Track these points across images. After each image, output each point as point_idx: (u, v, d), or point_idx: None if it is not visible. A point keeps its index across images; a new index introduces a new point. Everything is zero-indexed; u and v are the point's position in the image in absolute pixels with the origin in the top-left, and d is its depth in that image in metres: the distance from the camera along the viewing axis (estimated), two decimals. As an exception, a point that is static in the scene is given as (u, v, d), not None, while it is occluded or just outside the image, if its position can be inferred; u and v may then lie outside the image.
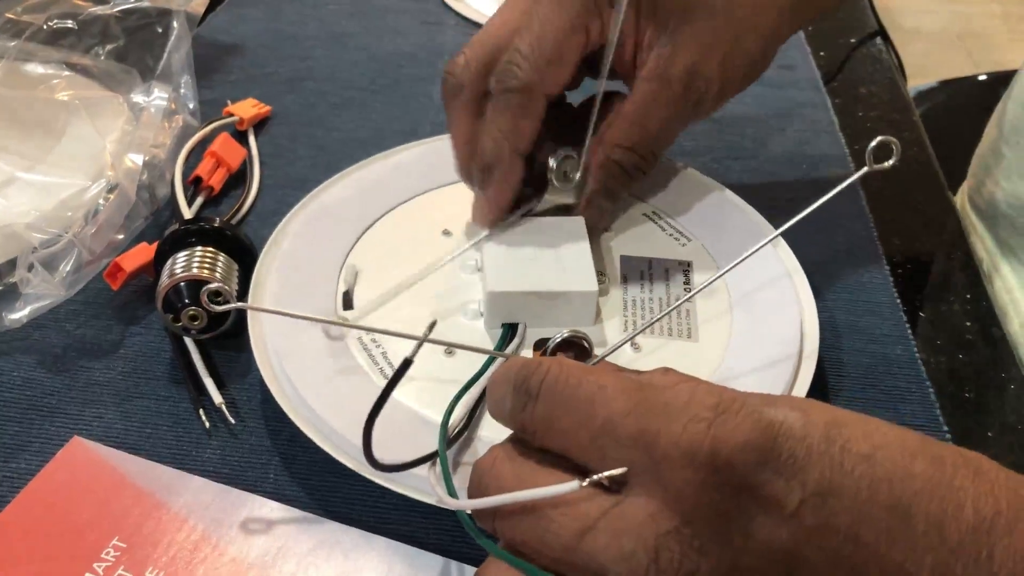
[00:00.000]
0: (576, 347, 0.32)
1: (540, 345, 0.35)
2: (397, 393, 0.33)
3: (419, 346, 0.27)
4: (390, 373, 0.34)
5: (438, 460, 0.30)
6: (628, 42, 0.38)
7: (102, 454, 0.34)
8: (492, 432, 0.33)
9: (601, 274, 0.39)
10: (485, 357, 0.34)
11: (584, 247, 0.38)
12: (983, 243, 0.52)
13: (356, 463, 0.32)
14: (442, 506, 0.30)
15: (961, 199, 0.57)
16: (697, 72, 0.37)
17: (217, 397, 0.36)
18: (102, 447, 0.34)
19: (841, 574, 0.22)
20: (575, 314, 0.36)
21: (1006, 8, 2.78)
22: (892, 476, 0.22)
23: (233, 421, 0.35)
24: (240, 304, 0.32)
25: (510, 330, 0.36)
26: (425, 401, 0.34)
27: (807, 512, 0.22)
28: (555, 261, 0.37)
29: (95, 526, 0.31)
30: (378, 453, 0.29)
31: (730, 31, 0.37)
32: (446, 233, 0.42)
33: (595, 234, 0.40)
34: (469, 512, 0.26)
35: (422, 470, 0.31)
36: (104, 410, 0.36)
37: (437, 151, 0.45)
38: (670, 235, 0.42)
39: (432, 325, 0.28)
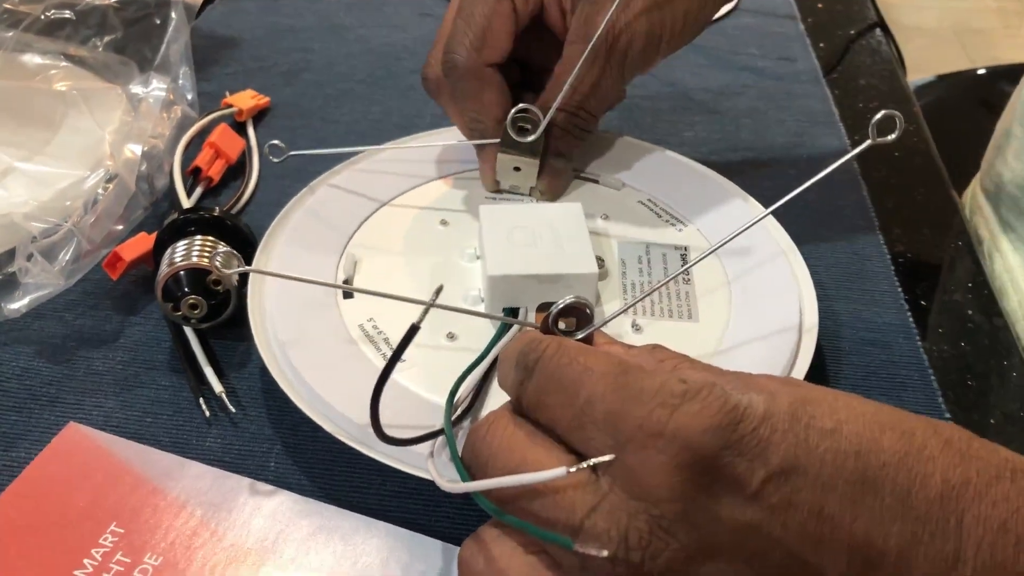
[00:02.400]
0: (579, 312, 0.32)
1: (544, 308, 0.35)
2: (400, 377, 0.33)
3: (426, 311, 0.28)
4: (408, 371, 0.34)
5: (443, 437, 0.30)
6: (554, 8, 0.41)
7: (98, 440, 0.34)
8: None
9: (599, 259, 0.39)
10: (487, 340, 0.34)
11: (583, 230, 0.38)
12: (986, 224, 0.52)
13: (360, 443, 0.32)
14: (441, 486, 0.30)
15: (972, 187, 0.57)
16: (617, 29, 0.38)
17: (217, 386, 0.36)
18: (98, 432, 0.34)
19: (808, 548, 0.23)
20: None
21: (1001, 4, 2.79)
22: (858, 449, 0.23)
23: (233, 409, 0.35)
24: (248, 268, 0.33)
25: (512, 314, 0.36)
26: (427, 384, 0.34)
27: (770, 490, 0.23)
28: (554, 244, 0.37)
29: (92, 512, 0.31)
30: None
31: None
32: (443, 223, 0.42)
33: (556, 197, 0.43)
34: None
35: (424, 450, 0.30)
36: (104, 399, 0.36)
37: (434, 144, 0.46)
38: (666, 221, 0.42)
39: (439, 290, 0.29)
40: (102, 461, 0.33)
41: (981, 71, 1.09)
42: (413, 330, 0.28)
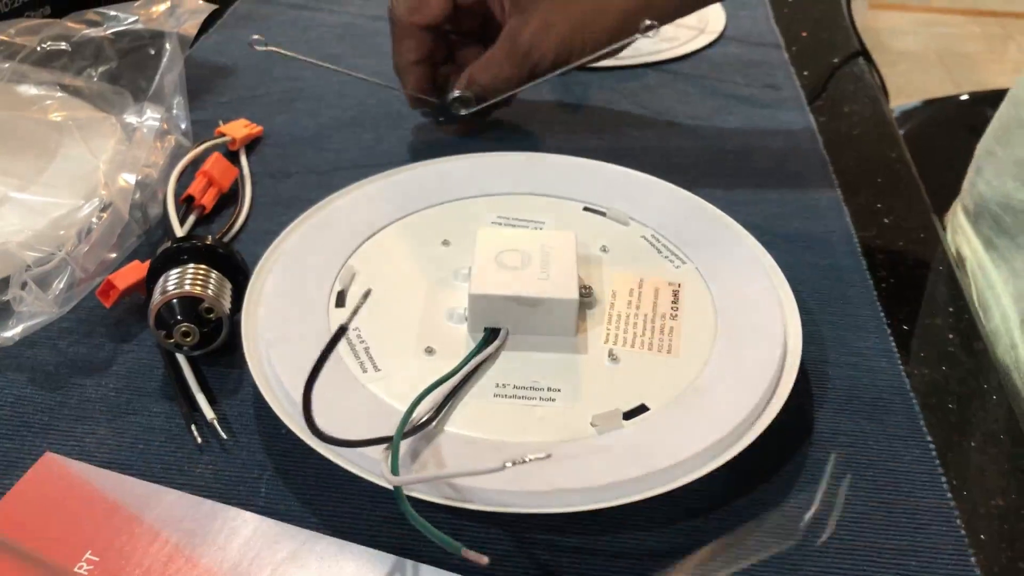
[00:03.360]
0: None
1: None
2: (374, 387, 0.35)
3: (354, 314, 0.34)
4: (381, 381, 0.35)
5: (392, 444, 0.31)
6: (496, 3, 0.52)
7: (74, 469, 0.34)
8: (458, 428, 0.34)
9: (587, 288, 0.40)
10: (463, 355, 0.36)
11: (570, 259, 0.39)
12: (968, 243, 0.53)
13: (353, 465, 0.32)
14: (381, 482, 0.31)
15: (954, 207, 0.58)
16: (535, 45, 0.49)
17: (209, 413, 0.36)
18: (73, 462, 0.34)
19: None
20: (555, 322, 0.37)
21: (986, 29, 2.82)
22: None
23: (225, 436, 0.36)
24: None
25: (493, 335, 0.37)
26: (399, 396, 0.34)
27: None
28: (540, 270, 0.38)
29: (68, 540, 0.31)
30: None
31: (568, 17, 0.49)
32: (445, 243, 0.43)
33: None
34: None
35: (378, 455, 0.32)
36: (96, 426, 0.36)
37: (437, 172, 0.47)
38: (665, 257, 0.43)
39: (367, 294, 0.37)
40: (77, 490, 0.33)
41: (964, 96, 1.11)
42: (341, 330, 0.33)
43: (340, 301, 0.39)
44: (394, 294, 0.40)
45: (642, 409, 0.35)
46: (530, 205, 0.46)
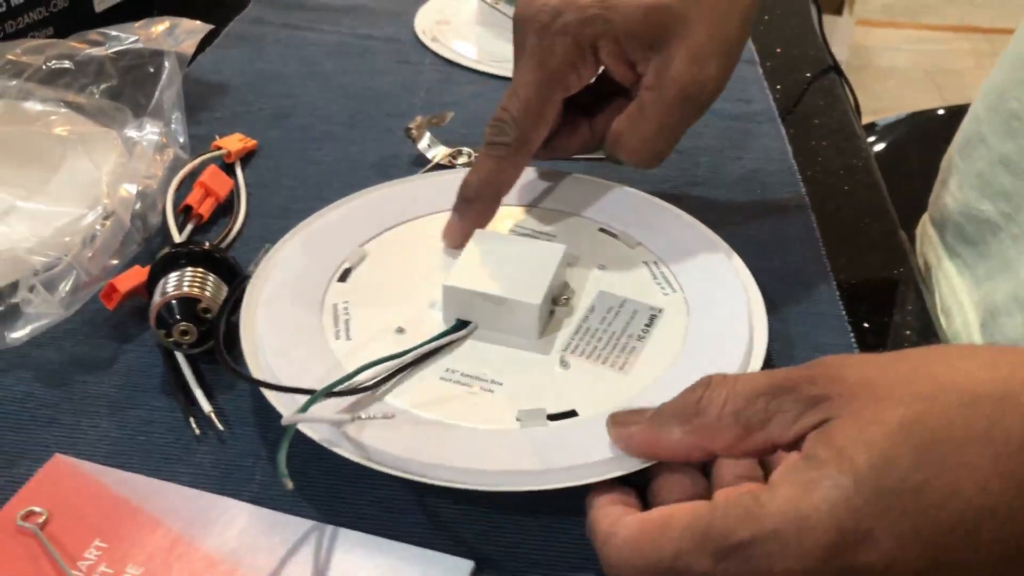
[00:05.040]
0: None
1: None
2: (340, 353, 0.39)
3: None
4: (347, 348, 0.39)
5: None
6: (623, 69, 0.44)
7: (82, 468, 0.36)
8: (401, 401, 0.37)
9: (567, 298, 0.42)
10: (430, 335, 0.39)
11: (549, 268, 0.41)
12: (934, 251, 0.56)
13: (341, 448, 0.35)
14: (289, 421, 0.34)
15: (923, 218, 0.61)
16: (689, 80, 0.42)
17: (206, 406, 0.38)
18: (82, 462, 0.36)
19: None
20: (517, 323, 0.39)
21: (974, 45, 2.87)
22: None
23: (222, 428, 0.38)
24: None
25: (462, 326, 0.40)
26: (359, 363, 0.37)
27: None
28: (515, 272, 0.40)
29: (78, 529, 0.34)
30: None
31: (709, 32, 0.42)
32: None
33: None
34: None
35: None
36: (100, 420, 0.39)
37: (434, 182, 0.50)
38: (658, 283, 0.44)
39: (267, 248, 0.43)
40: (85, 486, 0.35)
41: (940, 111, 1.14)
42: (244, 278, 0.40)
43: (344, 277, 0.43)
44: (392, 277, 0.43)
45: (571, 414, 0.36)
46: (548, 219, 0.48)
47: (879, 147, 1.24)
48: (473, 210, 0.44)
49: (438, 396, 0.37)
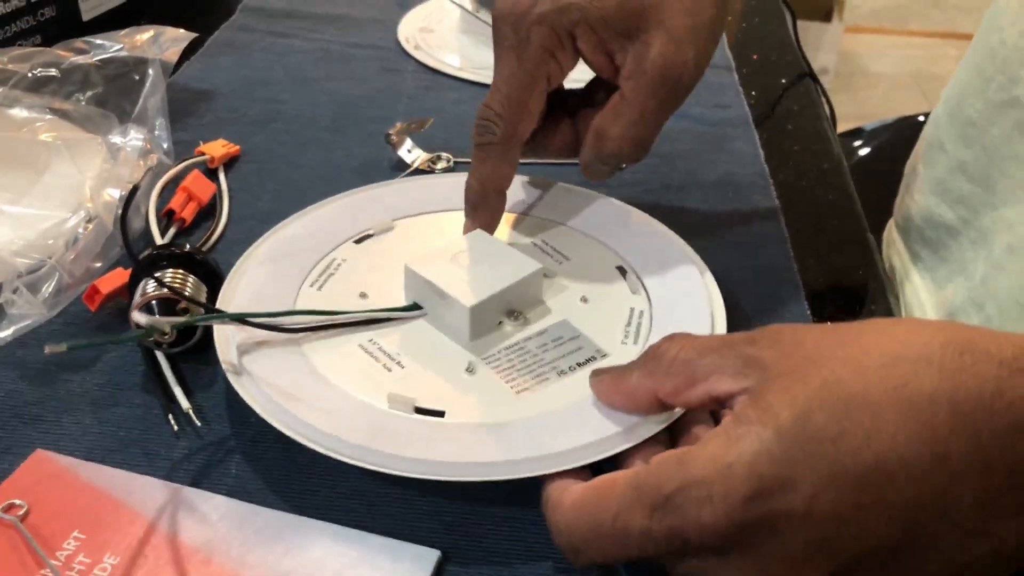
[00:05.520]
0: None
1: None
2: (302, 299, 0.43)
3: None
4: (310, 297, 0.43)
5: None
6: (601, 60, 0.43)
7: (62, 463, 0.37)
8: (308, 350, 0.40)
9: (520, 313, 0.42)
10: (392, 304, 0.43)
11: (506, 279, 0.41)
12: (899, 255, 0.57)
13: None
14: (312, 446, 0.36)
15: (889, 223, 0.62)
16: (671, 64, 0.42)
17: (185, 403, 0.40)
18: (63, 457, 0.38)
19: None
20: (454, 320, 0.41)
21: (961, 52, 2.90)
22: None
23: (200, 424, 0.39)
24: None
25: (412, 308, 0.42)
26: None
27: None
28: (473, 274, 0.42)
29: (57, 521, 0.35)
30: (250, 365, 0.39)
31: (685, 16, 0.41)
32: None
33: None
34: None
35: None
36: (82, 417, 0.40)
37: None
38: (628, 336, 0.42)
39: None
40: (65, 479, 0.36)
41: (920, 117, 1.16)
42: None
43: (360, 240, 0.47)
44: (389, 259, 0.45)
45: (438, 413, 0.37)
46: (574, 241, 0.48)
47: (864, 151, 1.25)
48: (481, 211, 0.45)
49: (342, 358, 0.40)
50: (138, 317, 0.37)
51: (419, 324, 0.42)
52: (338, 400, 0.38)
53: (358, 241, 0.47)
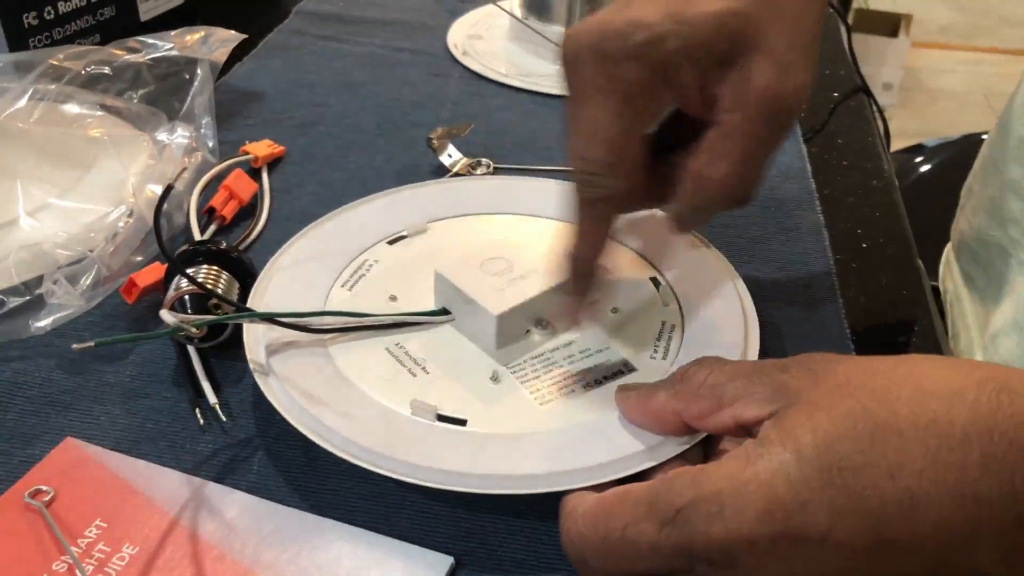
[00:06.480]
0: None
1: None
2: (333, 299, 0.43)
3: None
4: (341, 296, 0.44)
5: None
6: (695, 94, 0.37)
7: (90, 452, 0.38)
8: (334, 352, 0.40)
9: (547, 322, 0.42)
10: (419, 308, 0.43)
11: (533, 288, 0.41)
12: (952, 276, 0.55)
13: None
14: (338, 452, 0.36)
15: (947, 246, 0.61)
16: (779, 93, 0.35)
17: (212, 398, 0.40)
18: (91, 446, 0.38)
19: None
20: (481, 328, 0.41)
21: (1033, 70, 2.81)
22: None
23: (225, 419, 0.40)
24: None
25: (442, 313, 0.42)
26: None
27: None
28: (503, 282, 0.41)
29: (81, 508, 0.35)
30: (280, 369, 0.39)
31: (789, 36, 0.36)
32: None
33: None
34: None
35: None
36: (112, 407, 0.41)
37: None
38: (653, 348, 0.41)
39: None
40: (91, 468, 0.37)
41: (984, 135, 1.12)
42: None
43: (394, 241, 0.48)
44: (421, 262, 0.45)
45: (460, 422, 0.37)
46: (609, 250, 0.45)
47: (925, 168, 1.22)
48: (588, 280, 0.40)
49: (368, 361, 0.40)
50: (166, 316, 0.38)
51: (446, 329, 0.42)
52: (362, 404, 0.38)
53: (391, 242, 0.47)
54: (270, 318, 0.40)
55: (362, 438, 0.36)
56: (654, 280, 0.45)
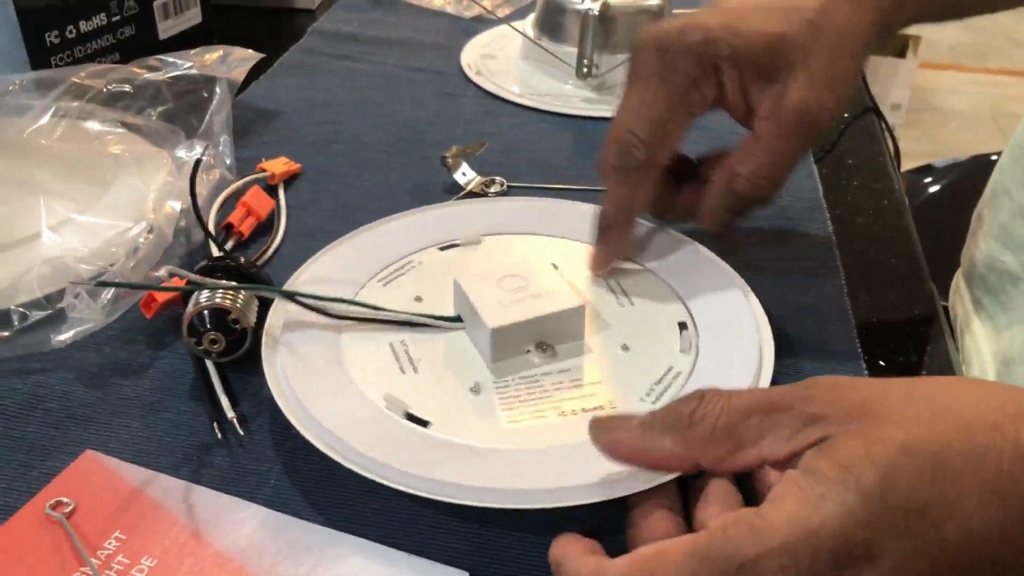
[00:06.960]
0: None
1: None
2: (363, 294, 0.45)
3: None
4: (367, 291, 0.45)
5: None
6: (738, 99, 0.44)
7: (111, 464, 0.39)
8: (342, 340, 0.42)
9: (552, 347, 0.42)
10: (446, 311, 0.44)
11: (539, 310, 0.41)
12: (962, 302, 0.55)
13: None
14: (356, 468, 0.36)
15: (957, 272, 0.61)
16: (808, 105, 0.41)
17: (230, 412, 0.40)
18: (110, 459, 0.39)
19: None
20: (481, 339, 0.42)
21: (1042, 90, 2.81)
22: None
23: (242, 433, 0.40)
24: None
25: (454, 319, 0.44)
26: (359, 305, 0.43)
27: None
28: (511, 298, 0.42)
29: (100, 520, 0.36)
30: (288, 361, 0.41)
31: (828, 62, 0.41)
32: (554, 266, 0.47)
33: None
34: None
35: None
36: (131, 420, 0.41)
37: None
38: (653, 391, 0.40)
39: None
40: (111, 481, 0.38)
41: (994, 156, 1.13)
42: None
43: (445, 248, 0.49)
44: (460, 270, 0.46)
45: (424, 423, 0.38)
46: (646, 286, 0.46)
47: (933, 189, 1.22)
48: (612, 237, 0.45)
49: (368, 353, 0.42)
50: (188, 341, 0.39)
51: (458, 337, 0.43)
52: (344, 391, 0.39)
53: (442, 248, 0.49)
54: (291, 296, 0.42)
55: (379, 454, 0.36)
56: (682, 324, 0.44)
